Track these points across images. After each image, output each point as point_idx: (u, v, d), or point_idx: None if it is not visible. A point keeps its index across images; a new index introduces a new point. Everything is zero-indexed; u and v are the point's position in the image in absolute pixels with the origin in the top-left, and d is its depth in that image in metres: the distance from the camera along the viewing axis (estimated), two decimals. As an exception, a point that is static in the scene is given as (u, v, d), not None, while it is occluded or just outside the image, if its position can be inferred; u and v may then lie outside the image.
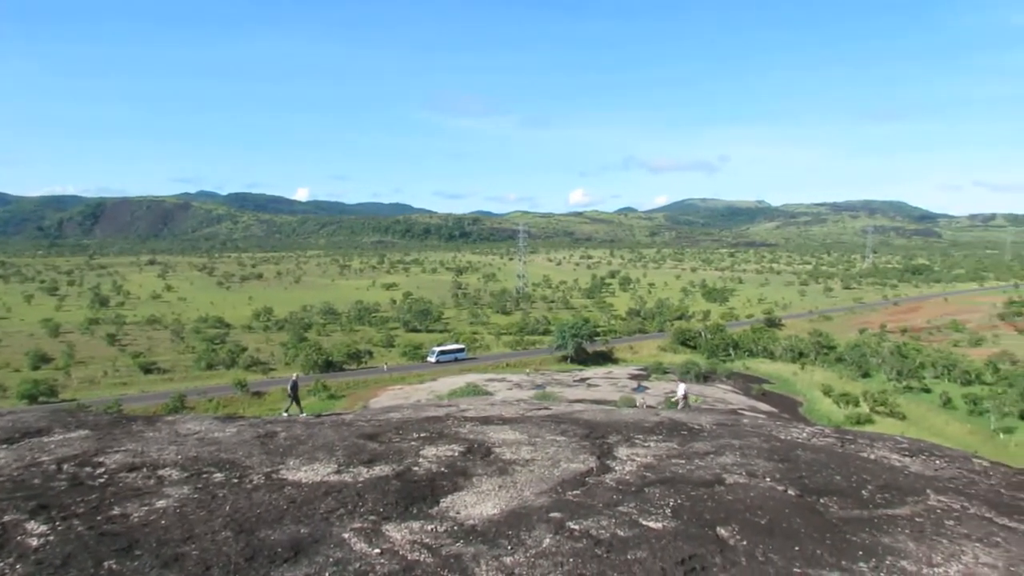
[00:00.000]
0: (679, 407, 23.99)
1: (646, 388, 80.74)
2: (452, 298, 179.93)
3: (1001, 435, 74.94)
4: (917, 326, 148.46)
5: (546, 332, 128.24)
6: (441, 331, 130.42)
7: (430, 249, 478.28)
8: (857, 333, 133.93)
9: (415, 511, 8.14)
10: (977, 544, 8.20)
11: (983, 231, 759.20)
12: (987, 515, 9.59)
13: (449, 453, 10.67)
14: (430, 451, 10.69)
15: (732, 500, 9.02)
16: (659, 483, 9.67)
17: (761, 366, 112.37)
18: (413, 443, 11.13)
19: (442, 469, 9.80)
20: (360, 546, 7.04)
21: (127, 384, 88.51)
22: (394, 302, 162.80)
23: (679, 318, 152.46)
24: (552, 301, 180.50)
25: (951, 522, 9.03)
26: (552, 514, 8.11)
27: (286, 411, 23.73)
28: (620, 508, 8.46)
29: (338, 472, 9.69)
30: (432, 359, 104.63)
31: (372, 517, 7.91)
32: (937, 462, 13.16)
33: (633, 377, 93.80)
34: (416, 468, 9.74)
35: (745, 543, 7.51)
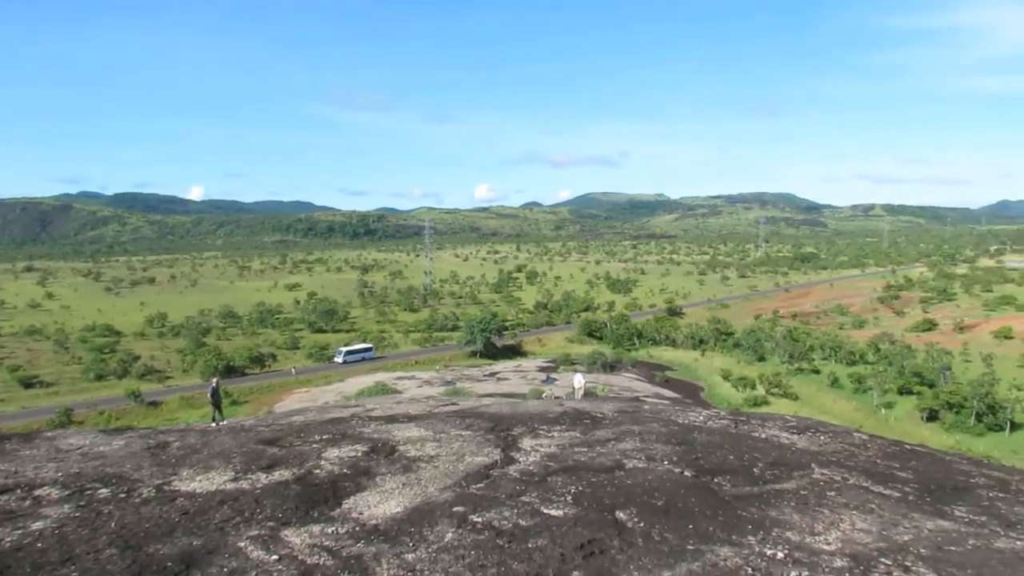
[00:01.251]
0: (576, 397, 24.42)
1: (554, 380, 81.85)
2: (358, 297, 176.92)
3: (882, 410, 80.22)
4: (806, 311, 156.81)
5: (455, 328, 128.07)
6: (348, 331, 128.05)
7: (334, 248, 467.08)
8: (752, 319, 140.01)
9: (316, 514, 7.98)
10: (855, 512, 8.76)
11: (864, 221, 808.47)
12: (864, 484, 10.27)
13: (352, 454, 10.51)
14: (333, 453, 10.50)
15: (631, 484, 9.28)
16: (562, 472, 9.85)
17: (664, 354, 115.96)
18: (315, 446, 10.90)
19: (345, 470, 9.65)
20: (257, 554, 6.85)
21: (4, 400, 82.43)
22: (298, 303, 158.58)
23: (585, 310, 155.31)
24: (460, 297, 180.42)
25: (832, 493, 9.61)
26: (456, 508, 8.13)
27: (215, 421, 22.68)
28: (523, 498, 8.57)
29: (235, 480, 9.38)
30: (339, 359, 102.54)
31: (270, 523, 7.71)
32: (822, 438, 13.98)
33: (542, 369, 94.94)
34: (318, 471, 9.55)
35: (642, 525, 7.75)
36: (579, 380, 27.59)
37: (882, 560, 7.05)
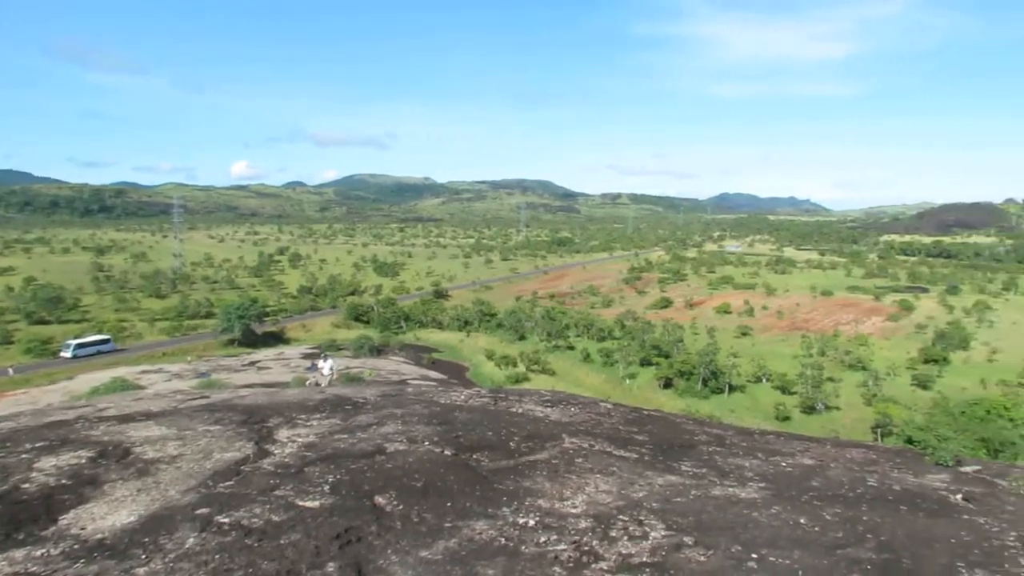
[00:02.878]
0: (324, 384, 23.82)
1: (320, 366, 79.65)
2: (92, 282, 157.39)
3: (627, 381, 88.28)
4: (563, 292, 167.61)
5: (209, 315, 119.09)
6: (79, 321, 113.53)
7: (60, 226, 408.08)
8: (514, 300, 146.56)
9: (22, 536, 6.88)
10: (598, 476, 9.44)
11: (612, 208, 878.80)
12: (608, 449, 11.12)
13: (75, 461, 9.26)
14: (48, 462, 9.16)
15: (392, 468, 9.19)
16: (320, 461, 9.49)
17: (431, 336, 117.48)
18: (25, 456, 9.44)
19: (63, 481, 8.46)
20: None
21: None
22: (11, 290, 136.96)
23: (352, 294, 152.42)
24: (215, 281, 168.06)
25: (580, 460, 10.28)
26: (200, 511, 7.48)
27: None
28: (276, 493, 8.12)
29: (-84, 503, 7.82)
30: (67, 354, 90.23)
31: (-38, 551, 6.52)
32: (572, 409, 14.94)
33: (306, 356, 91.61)
34: (27, 485, 8.26)
35: (401, 507, 7.70)
36: (328, 365, 26.83)
37: (620, 517, 7.65)
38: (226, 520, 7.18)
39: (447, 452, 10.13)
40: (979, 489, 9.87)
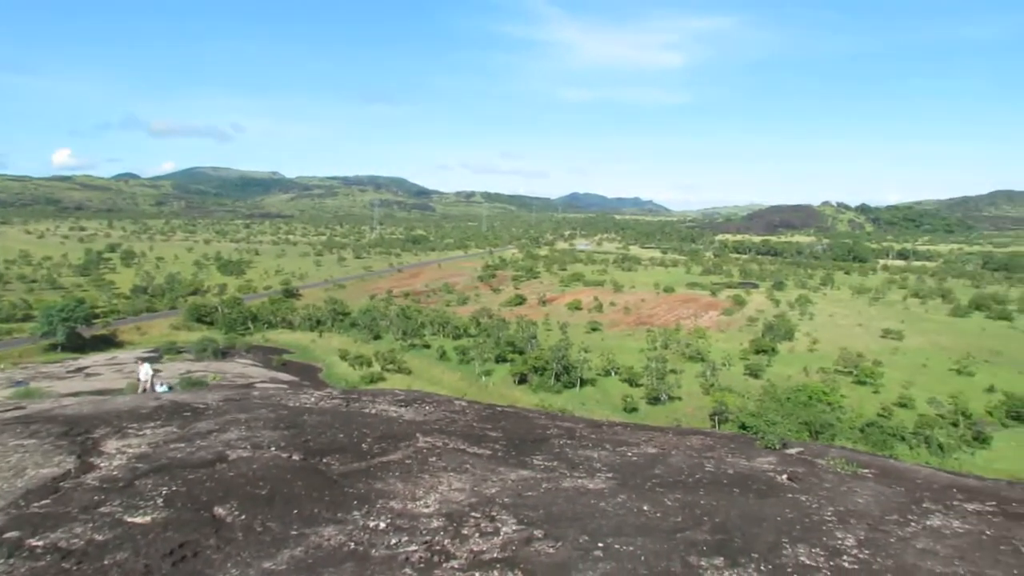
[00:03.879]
0: (141, 391, 22.26)
1: (158, 371, 74.35)
2: None
3: (483, 378, 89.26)
4: (417, 290, 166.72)
5: (27, 318, 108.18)
6: None
7: None
8: (368, 299, 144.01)
9: None
10: (452, 474, 9.42)
11: (466, 206, 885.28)
12: (462, 447, 11.13)
13: None
14: None
15: (234, 476, 8.71)
16: (153, 472, 8.82)
17: (281, 337, 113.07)
18: None
19: None
20: None
21: None
22: None
23: (193, 293, 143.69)
24: (34, 281, 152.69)
25: (434, 458, 10.22)
26: (8, 534, 6.72)
27: None
28: (101, 509, 7.45)
29: None
30: None
31: None
32: (427, 408, 14.84)
33: (141, 360, 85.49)
34: None
35: (243, 517, 7.30)
36: (145, 371, 24.96)
37: (472, 514, 7.67)
38: (39, 543, 6.50)
39: (295, 457, 9.74)
40: (802, 469, 10.76)
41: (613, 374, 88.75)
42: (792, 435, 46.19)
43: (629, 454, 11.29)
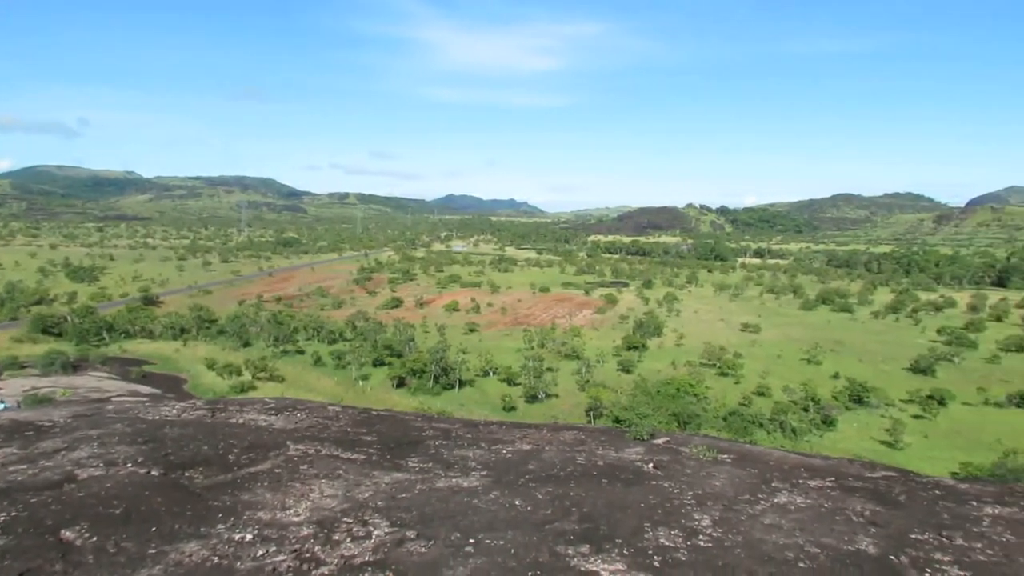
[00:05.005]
0: None
1: (-2, 389, 68.07)
2: None
3: (360, 382, 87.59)
4: (290, 294, 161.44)
5: None
6: None
7: None
8: (237, 305, 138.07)
9: None
10: (324, 480, 9.25)
11: (340, 208, 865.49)
12: (335, 453, 10.94)
13: None
14: None
15: (84, 497, 8.15)
16: (-11, 499, 8.10)
17: (141, 347, 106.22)
18: None
19: None
20: None
21: None
22: None
23: (38, 303, 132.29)
24: None
25: (305, 466, 9.99)
26: None
27: None
28: (-73, 542, 6.77)
29: None
30: None
31: None
32: (299, 415, 14.46)
33: (-22, 378, 77.95)
34: None
35: (95, 539, 6.86)
36: None
37: (344, 519, 7.57)
38: None
39: (154, 472, 9.24)
40: (667, 458, 11.33)
41: (492, 374, 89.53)
42: (662, 426, 48.30)
43: (504, 452, 11.49)
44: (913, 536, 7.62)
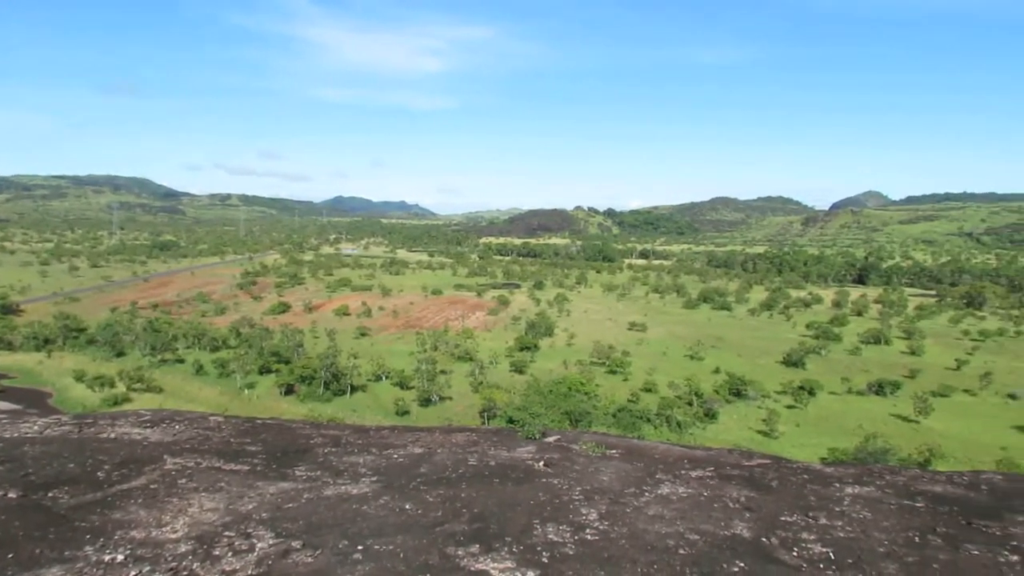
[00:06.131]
0: None
1: None
2: None
3: (246, 391, 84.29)
4: (168, 300, 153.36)
5: None
6: None
7: None
8: (109, 312, 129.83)
9: None
10: (204, 494, 8.84)
11: (222, 209, 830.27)
12: (216, 465, 10.48)
13: None
14: None
15: (-72, 525, 7.44)
16: None
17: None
18: None
19: None
20: None
21: None
22: None
23: None
24: None
25: (184, 480, 9.51)
26: None
27: None
28: None
29: None
30: None
31: None
32: (177, 427, 13.74)
33: None
34: None
35: (-61, 572, 6.28)
36: None
37: (226, 533, 7.28)
38: None
39: (11, 495, 8.56)
40: (557, 455, 11.54)
41: (384, 379, 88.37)
42: (554, 424, 49.26)
43: (395, 456, 11.36)
44: (783, 518, 8.13)
